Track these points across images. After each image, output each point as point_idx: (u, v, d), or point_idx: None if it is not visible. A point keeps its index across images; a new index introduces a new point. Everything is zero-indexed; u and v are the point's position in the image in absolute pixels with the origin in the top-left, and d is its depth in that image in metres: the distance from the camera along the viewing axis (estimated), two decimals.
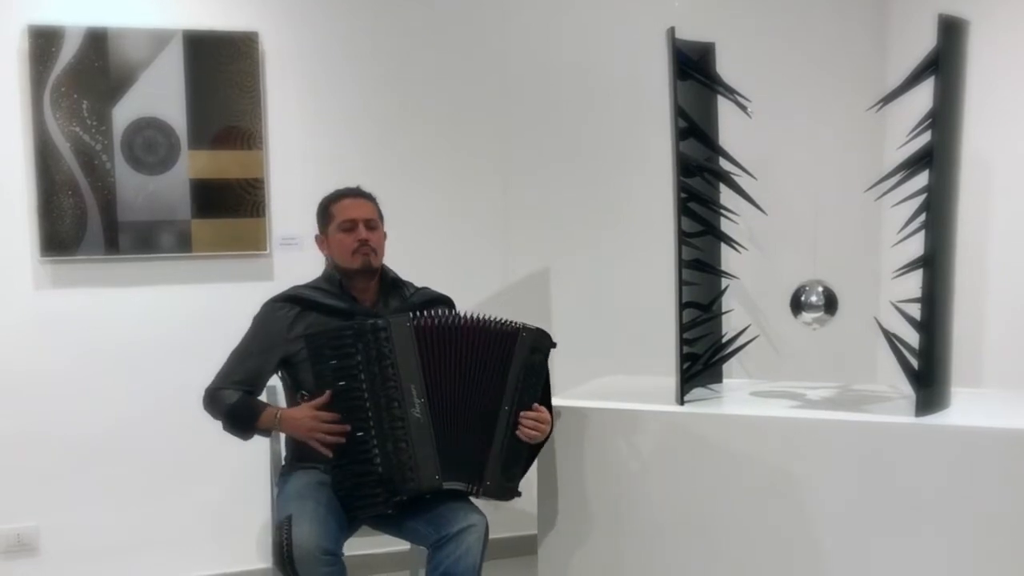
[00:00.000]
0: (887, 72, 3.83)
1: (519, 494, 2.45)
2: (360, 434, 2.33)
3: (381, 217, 2.64)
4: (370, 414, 2.34)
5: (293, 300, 2.58)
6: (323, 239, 2.64)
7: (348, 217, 2.56)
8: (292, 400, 2.59)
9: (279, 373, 2.60)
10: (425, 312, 2.45)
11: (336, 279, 2.61)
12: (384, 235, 2.64)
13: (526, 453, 2.46)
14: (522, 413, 2.42)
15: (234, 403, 2.49)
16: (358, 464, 2.34)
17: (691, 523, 2.48)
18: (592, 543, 2.59)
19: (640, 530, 2.54)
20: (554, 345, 2.50)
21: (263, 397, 2.59)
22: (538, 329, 2.47)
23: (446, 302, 2.70)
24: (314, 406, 2.37)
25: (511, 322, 2.45)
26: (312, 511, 2.30)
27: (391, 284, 2.66)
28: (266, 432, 2.54)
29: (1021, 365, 3.35)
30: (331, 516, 2.32)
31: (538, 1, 3.67)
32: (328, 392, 2.35)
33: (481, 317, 2.45)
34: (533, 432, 2.42)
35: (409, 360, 2.37)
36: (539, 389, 2.45)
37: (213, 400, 2.52)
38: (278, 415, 2.46)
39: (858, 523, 2.33)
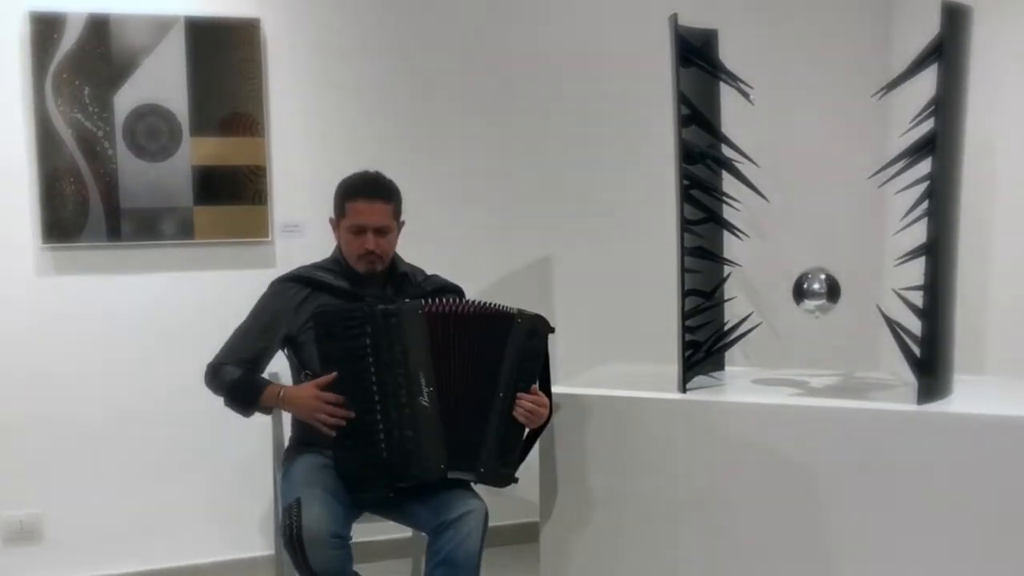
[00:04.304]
0: (890, 59, 3.81)
1: (516, 481, 2.43)
2: (367, 417, 2.32)
3: (398, 213, 2.59)
4: (377, 398, 2.33)
5: (302, 281, 2.57)
6: (336, 224, 2.61)
7: (358, 223, 2.52)
8: (297, 379, 2.59)
9: (284, 351, 2.60)
10: (437, 299, 2.42)
11: (345, 262, 2.59)
12: (399, 228, 2.60)
13: (522, 438, 2.43)
14: (520, 395, 2.38)
15: (236, 379, 2.49)
16: (364, 446, 2.34)
17: (693, 511, 2.49)
18: (593, 531, 2.60)
19: (642, 518, 2.54)
20: (552, 330, 2.45)
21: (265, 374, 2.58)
22: (536, 315, 2.43)
23: (456, 291, 2.68)
24: (318, 385, 2.36)
25: (507, 308, 2.42)
26: (320, 495, 2.30)
27: (401, 276, 2.64)
28: (267, 410, 2.53)
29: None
30: (338, 500, 2.32)
31: None
32: (334, 373, 2.34)
33: (482, 303, 2.43)
34: (530, 415, 2.39)
35: (419, 347, 2.35)
36: (536, 374, 2.42)
37: (215, 375, 2.52)
38: (281, 393, 2.45)
39: (860, 511, 2.33)
